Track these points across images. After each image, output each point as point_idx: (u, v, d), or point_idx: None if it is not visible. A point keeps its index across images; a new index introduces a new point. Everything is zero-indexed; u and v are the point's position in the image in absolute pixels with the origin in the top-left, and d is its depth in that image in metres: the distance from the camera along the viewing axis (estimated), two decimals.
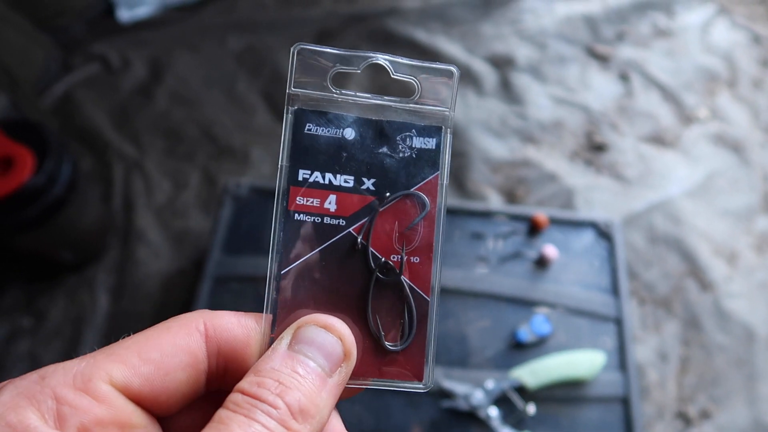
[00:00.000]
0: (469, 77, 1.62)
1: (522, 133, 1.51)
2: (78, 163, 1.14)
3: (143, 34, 1.66)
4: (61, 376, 0.25)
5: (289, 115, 0.31)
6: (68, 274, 1.25)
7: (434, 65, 0.32)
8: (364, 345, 0.31)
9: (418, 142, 0.32)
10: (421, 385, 0.31)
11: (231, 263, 1.07)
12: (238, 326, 0.29)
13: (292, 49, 0.31)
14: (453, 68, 0.32)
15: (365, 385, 0.31)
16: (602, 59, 1.68)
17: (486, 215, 1.15)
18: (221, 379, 0.29)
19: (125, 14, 1.68)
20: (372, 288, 0.31)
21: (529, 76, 1.63)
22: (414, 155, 0.32)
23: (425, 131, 0.32)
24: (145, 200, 1.36)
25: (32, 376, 0.25)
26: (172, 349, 0.27)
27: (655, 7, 1.81)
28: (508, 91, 1.59)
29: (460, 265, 1.08)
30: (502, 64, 1.65)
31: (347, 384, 0.29)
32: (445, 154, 0.32)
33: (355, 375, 0.30)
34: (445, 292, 1.04)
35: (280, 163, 0.31)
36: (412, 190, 0.32)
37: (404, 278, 0.31)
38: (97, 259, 1.27)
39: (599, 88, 1.62)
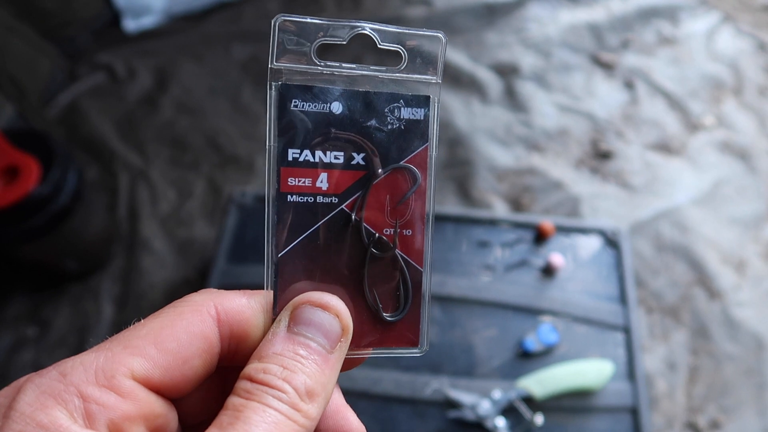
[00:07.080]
0: (473, 85, 1.62)
1: (527, 141, 1.51)
2: (83, 173, 1.14)
3: (149, 43, 1.67)
4: (82, 372, 0.25)
5: (273, 91, 0.30)
6: (73, 283, 1.25)
7: (421, 32, 0.31)
8: (363, 317, 0.31)
9: (406, 113, 0.31)
10: (417, 350, 0.32)
11: (236, 272, 1.06)
12: (248, 308, 0.29)
13: (273, 22, 0.29)
14: (440, 34, 0.32)
15: (366, 354, 0.31)
16: (607, 67, 1.68)
17: (492, 223, 1.14)
18: (232, 357, 0.30)
19: (131, 24, 1.69)
20: (367, 262, 0.31)
21: (533, 84, 1.63)
22: (402, 127, 0.31)
23: (413, 101, 0.31)
24: (150, 209, 1.36)
25: (51, 373, 0.24)
26: (187, 337, 0.27)
27: (659, 14, 1.81)
28: (512, 99, 1.59)
29: (466, 274, 1.07)
30: (507, 72, 1.65)
31: (349, 355, 0.30)
32: (433, 124, 0.32)
33: (356, 346, 0.31)
34: (451, 300, 1.03)
35: (267, 143, 0.30)
36: (402, 163, 0.31)
37: (398, 251, 0.31)
38: (101, 268, 1.27)
39: (604, 96, 1.61)
